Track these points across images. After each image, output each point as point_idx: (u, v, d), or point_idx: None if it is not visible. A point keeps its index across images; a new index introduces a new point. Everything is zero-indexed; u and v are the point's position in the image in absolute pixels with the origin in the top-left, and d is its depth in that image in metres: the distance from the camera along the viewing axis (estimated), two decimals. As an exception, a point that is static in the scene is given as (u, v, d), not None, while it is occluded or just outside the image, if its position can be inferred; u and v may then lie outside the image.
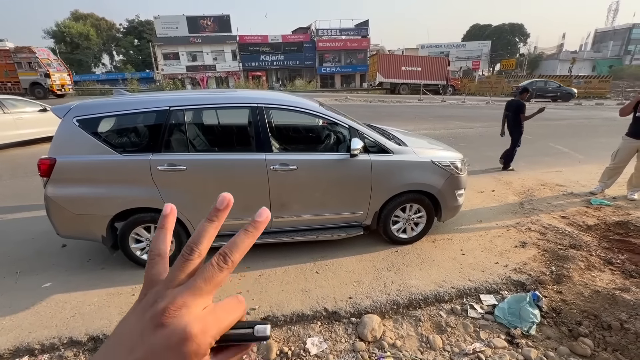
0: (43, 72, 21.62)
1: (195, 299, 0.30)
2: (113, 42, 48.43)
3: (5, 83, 21.37)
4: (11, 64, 21.24)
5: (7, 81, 21.41)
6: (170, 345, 0.27)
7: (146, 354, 0.27)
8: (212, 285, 0.31)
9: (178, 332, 0.28)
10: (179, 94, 3.16)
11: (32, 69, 21.54)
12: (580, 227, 3.76)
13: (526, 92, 6.31)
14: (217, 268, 0.31)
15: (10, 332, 2.29)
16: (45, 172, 2.65)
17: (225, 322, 0.31)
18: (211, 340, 0.29)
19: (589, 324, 2.37)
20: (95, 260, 3.20)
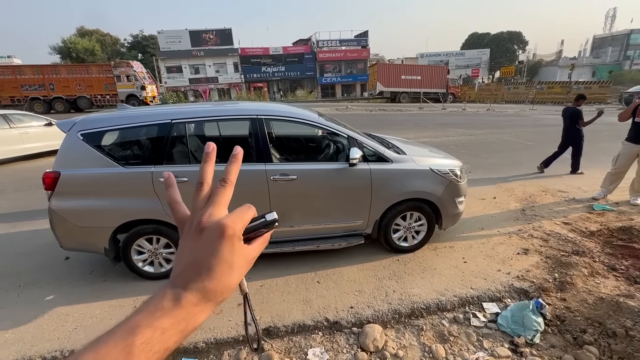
0: (139, 84, 22.84)
1: (216, 209, 0.41)
2: (117, 56, 49.40)
3: (104, 96, 22.46)
4: (111, 78, 22.38)
5: (106, 94, 22.46)
6: (214, 237, 0.38)
7: (202, 249, 0.38)
8: (224, 198, 0.43)
9: (216, 227, 0.39)
10: (181, 107, 3.23)
11: (129, 81, 22.69)
12: (583, 233, 3.74)
13: (582, 98, 6.39)
14: (221, 188, 0.43)
15: (12, 346, 2.30)
16: (49, 185, 2.69)
17: (245, 217, 0.42)
18: (240, 227, 0.41)
19: (594, 332, 2.34)
20: (98, 272, 3.21)
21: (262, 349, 2.30)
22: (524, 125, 13.55)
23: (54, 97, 21.88)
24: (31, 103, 21.61)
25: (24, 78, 21.75)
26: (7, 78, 21.62)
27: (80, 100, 22.25)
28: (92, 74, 22.27)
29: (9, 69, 22.26)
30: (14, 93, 21.87)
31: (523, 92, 28.75)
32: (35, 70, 22.00)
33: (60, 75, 21.92)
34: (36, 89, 21.93)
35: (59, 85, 21.95)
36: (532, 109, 20.93)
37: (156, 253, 2.96)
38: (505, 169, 6.65)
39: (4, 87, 21.69)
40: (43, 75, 21.80)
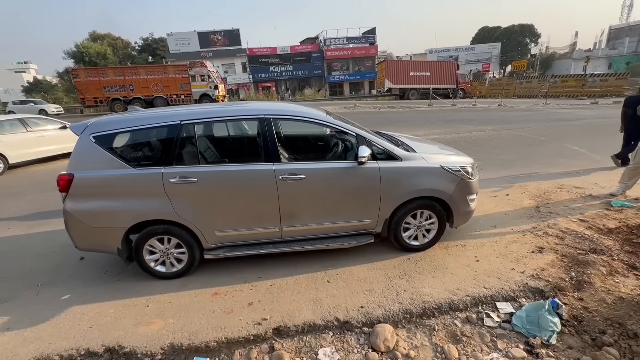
0: (213, 84, 23.34)
1: None
2: (129, 59, 50.26)
3: (179, 95, 22.99)
4: (186, 78, 22.80)
5: (181, 93, 22.97)
6: None
7: None
8: None
9: None
10: (190, 108, 3.25)
11: (203, 81, 23.18)
12: (600, 230, 3.62)
13: None
14: None
15: (31, 344, 2.36)
16: (63, 187, 2.75)
17: None
18: None
19: (614, 333, 2.26)
20: (112, 272, 3.27)
21: (273, 348, 2.30)
22: (537, 120, 13.24)
23: (133, 98, 22.51)
24: (112, 104, 22.40)
25: (107, 80, 22.42)
26: (92, 80, 22.37)
27: (157, 100, 22.78)
28: (169, 74, 22.73)
29: (94, 71, 23.05)
30: (97, 94, 22.61)
31: (536, 87, 28.11)
32: (117, 72, 22.71)
33: (139, 76, 22.54)
34: (117, 90, 22.61)
35: (138, 86, 22.60)
36: (546, 104, 20.44)
37: (167, 253, 2.99)
38: (518, 165, 6.50)
39: (89, 88, 22.45)
40: (124, 77, 22.45)
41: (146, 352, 2.26)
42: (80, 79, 22.53)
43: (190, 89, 22.90)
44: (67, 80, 45.25)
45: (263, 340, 2.37)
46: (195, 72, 22.97)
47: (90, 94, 22.55)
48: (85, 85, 22.47)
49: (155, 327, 2.47)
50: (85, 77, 22.46)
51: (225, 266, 3.22)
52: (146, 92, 22.64)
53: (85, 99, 22.80)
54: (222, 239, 3.01)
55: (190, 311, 2.63)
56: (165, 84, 22.69)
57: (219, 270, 3.18)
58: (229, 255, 3.04)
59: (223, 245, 3.07)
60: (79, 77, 22.64)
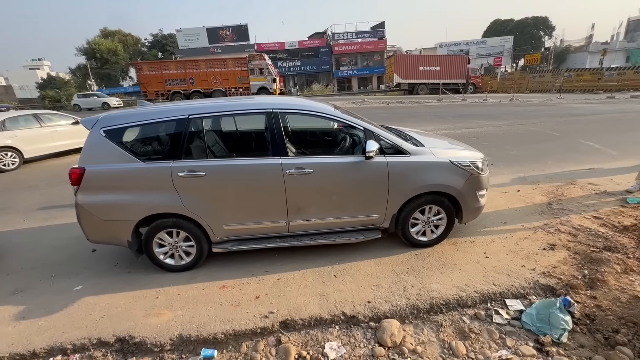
0: (271, 77, 23.41)
1: None
2: (139, 56, 50.84)
3: (237, 89, 23.20)
4: (245, 71, 22.96)
5: (239, 87, 23.18)
6: None
7: None
8: None
9: None
10: (198, 102, 3.26)
11: (262, 74, 23.31)
12: (615, 228, 3.52)
13: None
14: None
15: (45, 332, 2.43)
16: (75, 180, 2.80)
17: None
18: None
19: (628, 332, 2.20)
20: (122, 264, 3.34)
21: (280, 341, 2.32)
22: (550, 115, 12.92)
23: (192, 91, 22.71)
24: (172, 97, 22.68)
25: (169, 73, 22.75)
26: (155, 73, 22.74)
27: (216, 93, 22.95)
28: (229, 67, 22.83)
29: (156, 65, 23.50)
30: (159, 88, 22.94)
31: (549, 81, 27.42)
32: (179, 65, 23.01)
33: (199, 69, 22.69)
34: (178, 83, 22.89)
35: (198, 80, 22.79)
36: (560, 98, 19.93)
37: (176, 246, 3.03)
38: (530, 161, 6.36)
39: (151, 82, 22.82)
40: (185, 70, 22.69)
41: (156, 342, 2.30)
42: (143, 73, 22.81)
43: (248, 82, 22.87)
44: (80, 77, 46.11)
45: (270, 333, 2.38)
46: (255, 65, 22.91)
47: (152, 87, 22.76)
48: (148, 79, 22.70)
49: (165, 318, 2.51)
50: (148, 71, 22.71)
51: (233, 260, 3.25)
52: (206, 86, 22.71)
53: (147, 92, 22.98)
54: (230, 232, 3.03)
55: (198, 303, 2.67)
56: (225, 77, 22.74)
57: (227, 263, 3.21)
58: (237, 249, 3.06)
59: (231, 239, 3.09)
60: (142, 70, 22.90)
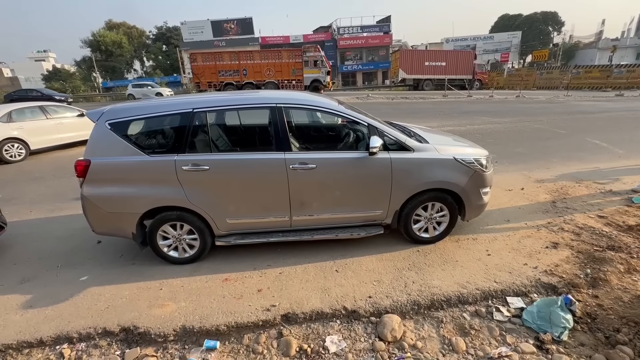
0: (326, 70, 22.94)
1: None
2: (143, 48, 50.84)
3: (290, 81, 22.83)
4: (299, 63, 22.58)
5: (292, 79, 22.80)
6: None
7: None
8: None
9: None
10: (202, 96, 3.27)
11: (315, 67, 22.92)
12: (619, 227, 3.50)
13: None
14: None
15: (52, 321, 2.48)
16: (81, 172, 2.83)
17: None
18: None
19: (629, 331, 2.20)
20: (127, 256, 3.38)
21: (281, 334, 2.35)
22: (556, 112, 12.77)
23: (245, 83, 22.45)
24: (225, 89, 22.37)
25: (223, 64, 22.42)
26: (209, 64, 22.44)
27: (268, 85, 22.64)
28: (283, 59, 22.44)
29: (211, 55, 22.99)
30: (212, 79, 22.67)
31: (557, 78, 27.04)
32: (233, 55, 22.57)
33: (253, 60, 22.37)
34: (231, 74, 22.58)
35: (251, 71, 22.48)
36: (567, 95, 19.67)
37: (180, 239, 3.06)
38: (535, 159, 6.31)
39: (205, 72, 22.54)
40: (239, 61, 22.36)
41: (159, 333, 2.34)
42: (197, 63, 22.43)
43: (302, 75, 22.50)
44: (85, 69, 46.21)
45: (272, 326, 2.41)
46: (309, 57, 22.50)
47: (205, 78, 22.46)
48: (201, 70, 22.38)
49: (168, 309, 2.55)
50: (202, 61, 22.36)
51: (236, 253, 3.28)
52: (258, 77, 22.36)
53: (200, 83, 22.71)
54: (233, 226, 3.05)
55: (201, 296, 2.70)
56: (278, 69, 22.36)
57: (230, 257, 3.24)
58: (240, 243, 3.09)
59: (234, 232, 3.11)
60: (196, 60, 22.52)
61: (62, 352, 2.27)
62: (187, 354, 2.23)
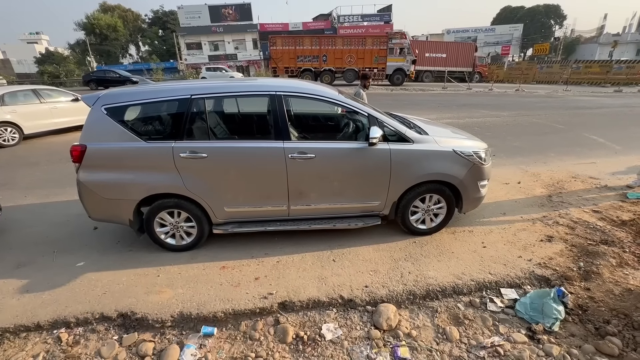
0: (411, 58, 21.73)
1: None
2: (139, 33, 49.75)
3: (372, 69, 21.40)
4: (384, 50, 21.14)
5: (374, 67, 21.45)
6: None
7: None
8: None
9: None
10: (200, 83, 3.21)
11: (400, 55, 21.73)
12: (613, 222, 3.55)
13: None
14: None
15: (49, 306, 2.48)
16: (77, 158, 2.79)
17: None
18: None
19: (618, 323, 2.25)
20: (124, 242, 3.37)
21: (278, 321, 2.37)
22: (555, 107, 12.77)
23: (323, 70, 21.43)
24: (302, 75, 21.48)
25: (302, 49, 21.39)
26: (288, 49, 21.42)
27: (347, 73, 21.55)
28: (367, 45, 21.02)
29: (291, 40, 21.82)
30: (290, 64, 21.71)
31: (557, 72, 26.95)
32: (314, 40, 21.41)
33: (335, 46, 21.18)
34: (310, 60, 21.45)
35: (331, 57, 21.29)
36: (566, 90, 19.65)
37: (177, 226, 3.06)
38: (533, 153, 6.34)
39: (283, 57, 21.55)
40: (320, 47, 21.23)
41: (157, 319, 2.35)
42: (276, 47, 21.47)
43: (384, 62, 21.27)
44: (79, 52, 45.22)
45: (269, 314, 2.44)
46: (395, 45, 21.42)
47: (283, 63, 21.54)
48: (280, 54, 21.43)
49: (166, 296, 2.56)
50: (282, 46, 21.38)
51: (234, 241, 3.28)
52: (339, 64, 21.31)
53: (277, 68, 21.83)
54: (231, 214, 3.05)
55: (199, 283, 2.71)
56: (360, 56, 21.16)
57: (227, 245, 3.25)
58: (237, 231, 3.09)
59: (232, 220, 3.11)
60: (275, 44, 21.55)
61: (59, 336, 2.27)
62: (184, 339, 2.25)
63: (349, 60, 21.26)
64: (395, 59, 21.55)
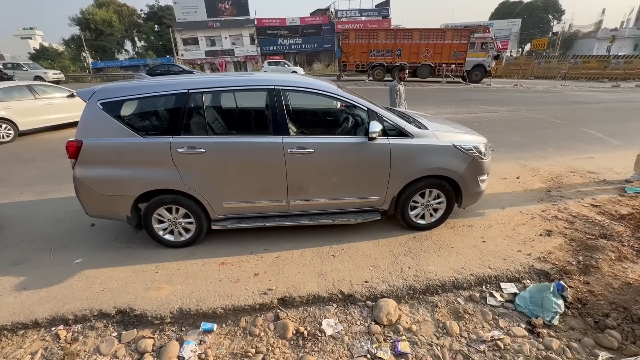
0: (493, 53, 20.36)
1: None
2: (135, 28, 49.18)
3: (449, 64, 20.52)
4: (464, 45, 20.04)
5: (451, 62, 20.51)
6: None
7: None
8: None
9: None
10: (198, 77, 3.17)
11: (483, 49, 20.36)
12: (612, 216, 3.56)
13: None
14: None
15: (47, 303, 2.46)
16: (73, 154, 2.75)
17: None
18: None
19: (617, 316, 2.26)
20: (122, 238, 3.35)
21: (278, 317, 2.37)
22: (553, 102, 12.76)
23: (395, 65, 20.26)
24: (373, 70, 20.81)
25: (376, 43, 20.55)
26: (360, 43, 20.76)
27: (422, 68, 20.64)
28: (446, 39, 20.01)
29: (365, 33, 21.08)
30: (361, 58, 20.93)
31: (555, 67, 26.89)
32: (389, 34, 20.65)
33: (412, 40, 20.26)
34: (383, 54, 20.68)
35: (406, 52, 20.43)
36: (564, 85, 19.63)
37: (175, 222, 3.03)
38: (531, 148, 6.34)
39: (355, 51, 20.91)
40: (395, 41, 20.38)
41: (156, 315, 2.34)
42: (348, 41, 20.85)
43: (463, 58, 20.21)
44: (74, 48, 44.71)
45: (268, 309, 2.43)
46: (477, 39, 20.28)
47: (354, 57, 20.92)
48: (352, 48, 20.81)
49: (165, 292, 2.55)
50: (355, 39, 20.74)
51: (233, 237, 3.27)
52: (414, 59, 20.39)
53: (347, 63, 21.22)
54: (230, 210, 3.03)
55: (198, 279, 2.70)
56: (438, 51, 20.17)
57: (226, 241, 3.23)
58: (236, 227, 3.07)
59: (230, 216, 3.09)
60: (348, 38, 20.93)
61: (57, 333, 2.26)
62: (184, 335, 2.24)
63: (425, 55, 20.31)
64: (476, 54, 20.31)
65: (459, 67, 20.59)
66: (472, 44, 20.24)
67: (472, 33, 20.26)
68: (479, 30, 20.93)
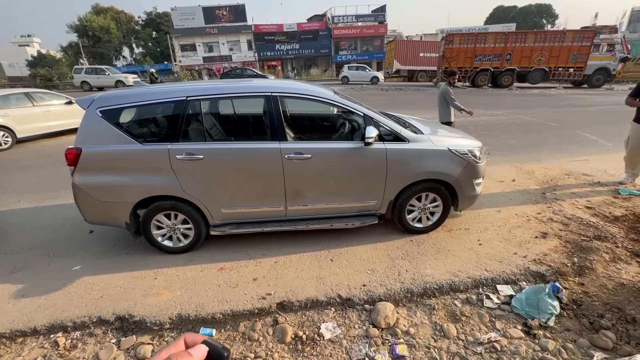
0: (620, 56, 18.74)
1: None
2: (132, 34, 49.39)
3: (567, 68, 18.95)
4: (586, 47, 18.42)
5: (569, 66, 18.93)
6: None
7: None
8: None
9: None
10: (196, 84, 3.21)
11: (609, 52, 18.80)
12: (606, 218, 3.60)
13: None
14: None
15: (45, 310, 2.46)
16: (72, 161, 2.78)
17: None
18: None
19: (612, 317, 2.29)
20: (120, 245, 3.36)
21: (277, 321, 2.38)
22: (548, 105, 12.90)
23: (504, 69, 19.29)
24: (477, 76, 19.61)
25: (483, 47, 19.29)
26: (465, 47, 19.49)
27: (534, 73, 19.28)
28: (565, 41, 18.49)
29: (471, 37, 19.75)
30: (465, 63, 19.68)
31: (550, 70, 27.09)
32: (500, 37, 19.29)
33: (525, 43, 18.84)
34: (490, 59, 19.36)
35: (517, 56, 19.01)
36: (558, 89, 19.83)
37: (174, 228, 3.05)
38: (527, 151, 6.41)
39: (459, 56, 19.66)
40: (505, 44, 19.04)
41: (155, 321, 2.35)
42: (452, 46, 19.68)
43: (584, 61, 18.58)
44: (71, 55, 44.78)
45: (267, 314, 2.44)
46: (603, 40, 18.67)
47: (457, 62, 19.54)
48: (455, 53, 19.59)
49: (164, 298, 2.56)
50: (459, 44, 19.55)
51: (231, 243, 3.28)
52: (525, 63, 19.07)
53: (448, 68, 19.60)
54: (228, 216, 3.05)
55: (196, 284, 2.71)
56: (554, 54, 18.68)
57: (225, 246, 3.25)
58: (235, 232, 3.09)
59: (229, 222, 3.11)
60: (452, 43, 19.75)
61: (56, 340, 2.26)
62: (183, 341, 2.25)
63: (539, 58, 18.91)
64: (600, 57, 18.72)
65: (578, 71, 18.99)
66: (596, 46, 18.79)
67: (598, 34, 18.88)
68: (605, 30, 19.50)
